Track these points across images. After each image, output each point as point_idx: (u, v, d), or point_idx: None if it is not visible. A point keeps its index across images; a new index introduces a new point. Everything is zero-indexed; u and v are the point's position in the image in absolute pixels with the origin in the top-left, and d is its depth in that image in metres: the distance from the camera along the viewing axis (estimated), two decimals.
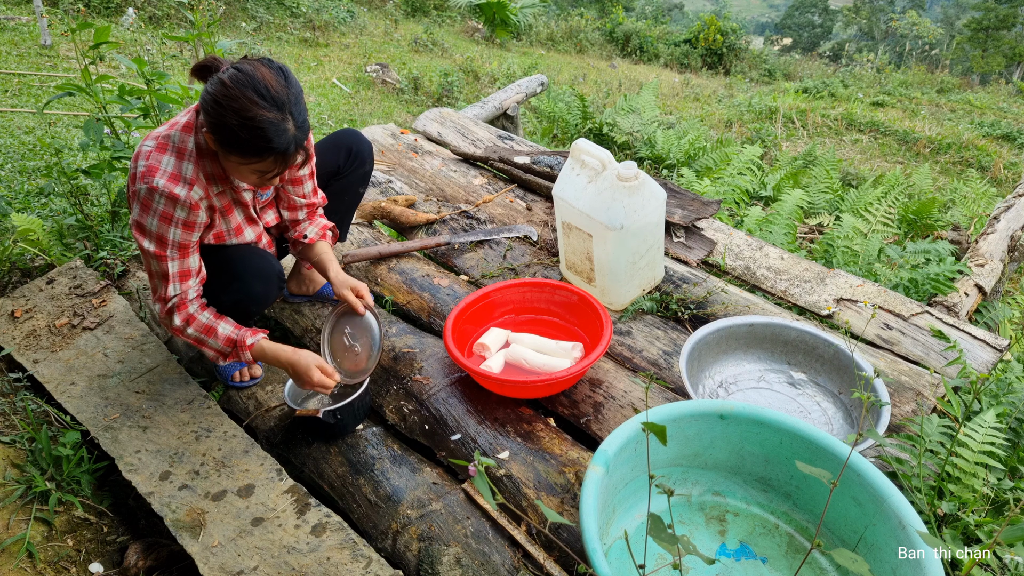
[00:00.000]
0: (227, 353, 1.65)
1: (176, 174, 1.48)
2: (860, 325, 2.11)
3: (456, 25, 12.46)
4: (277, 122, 1.39)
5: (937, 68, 14.56)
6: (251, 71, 1.38)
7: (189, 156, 1.50)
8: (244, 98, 1.36)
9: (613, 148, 5.54)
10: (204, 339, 1.63)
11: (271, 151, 1.41)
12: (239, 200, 1.68)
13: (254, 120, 1.37)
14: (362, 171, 2.04)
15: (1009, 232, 3.30)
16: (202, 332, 1.62)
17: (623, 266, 2.07)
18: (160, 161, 1.48)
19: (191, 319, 1.61)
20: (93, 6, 7.68)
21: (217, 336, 1.62)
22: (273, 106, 1.38)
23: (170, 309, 1.59)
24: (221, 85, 1.37)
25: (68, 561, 1.49)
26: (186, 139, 1.50)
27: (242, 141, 1.39)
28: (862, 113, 8.59)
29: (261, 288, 1.72)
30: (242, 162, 1.44)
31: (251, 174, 1.49)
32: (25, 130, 3.95)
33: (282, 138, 1.41)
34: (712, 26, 14.03)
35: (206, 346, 1.64)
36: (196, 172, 1.51)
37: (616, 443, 1.33)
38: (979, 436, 1.54)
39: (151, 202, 1.47)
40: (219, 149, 1.45)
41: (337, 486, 1.62)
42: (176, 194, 1.47)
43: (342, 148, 1.98)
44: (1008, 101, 10.68)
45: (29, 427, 1.72)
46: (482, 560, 1.41)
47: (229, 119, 1.37)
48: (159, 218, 1.48)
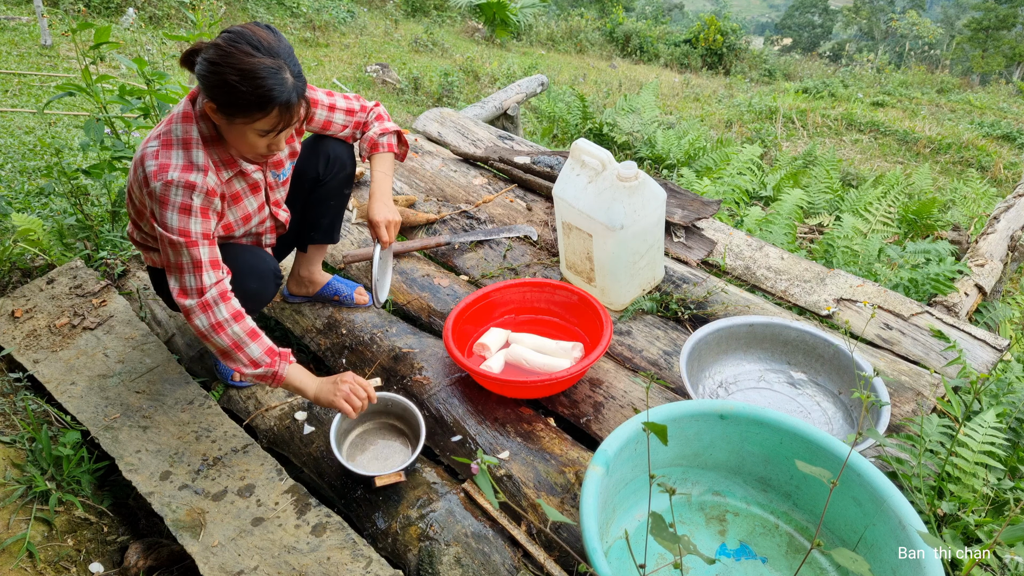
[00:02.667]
0: (262, 363, 1.51)
1: (188, 164, 1.45)
2: (860, 325, 2.11)
3: (456, 25, 12.46)
4: (276, 68, 1.37)
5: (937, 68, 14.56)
6: (241, 30, 1.38)
7: (196, 144, 1.47)
8: (239, 52, 1.34)
9: (613, 148, 5.54)
10: (246, 343, 1.49)
11: (273, 101, 1.38)
12: (250, 184, 1.64)
13: (253, 70, 1.34)
14: (343, 175, 1.93)
15: (1009, 232, 3.30)
16: (247, 334, 1.50)
17: (623, 266, 2.07)
18: (169, 157, 1.45)
19: (239, 316, 1.49)
20: (93, 6, 7.68)
21: (261, 342, 1.51)
22: (268, 55, 1.37)
23: (211, 300, 1.46)
24: (215, 48, 1.35)
25: (68, 561, 1.49)
26: (188, 129, 1.48)
27: (244, 96, 1.36)
28: (862, 113, 8.59)
29: (256, 285, 1.68)
30: (247, 122, 1.41)
31: (258, 137, 1.45)
32: (25, 130, 3.95)
33: (283, 86, 1.38)
34: (712, 26, 14.03)
35: (243, 351, 1.49)
36: (207, 159, 1.48)
37: (616, 443, 1.33)
38: (979, 436, 1.54)
39: (168, 196, 1.42)
40: (222, 116, 1.41)
41: (337, 486, 1.62)
42: (193, 182, 1.43)
43: (320, 155, 1.87)
44: (1008, 101, 10.67)
45: (29, 427, 1.72)
46: (482, 560, 1.41)
47: (228, 76, 1.34)
48: (178, 211, 1.44)
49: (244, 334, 1.49)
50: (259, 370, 1.51)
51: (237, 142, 1.48)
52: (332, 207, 1.97)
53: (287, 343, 2.17)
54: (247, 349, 1.50)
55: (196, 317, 1.48)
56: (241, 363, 1.51)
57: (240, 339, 1.49)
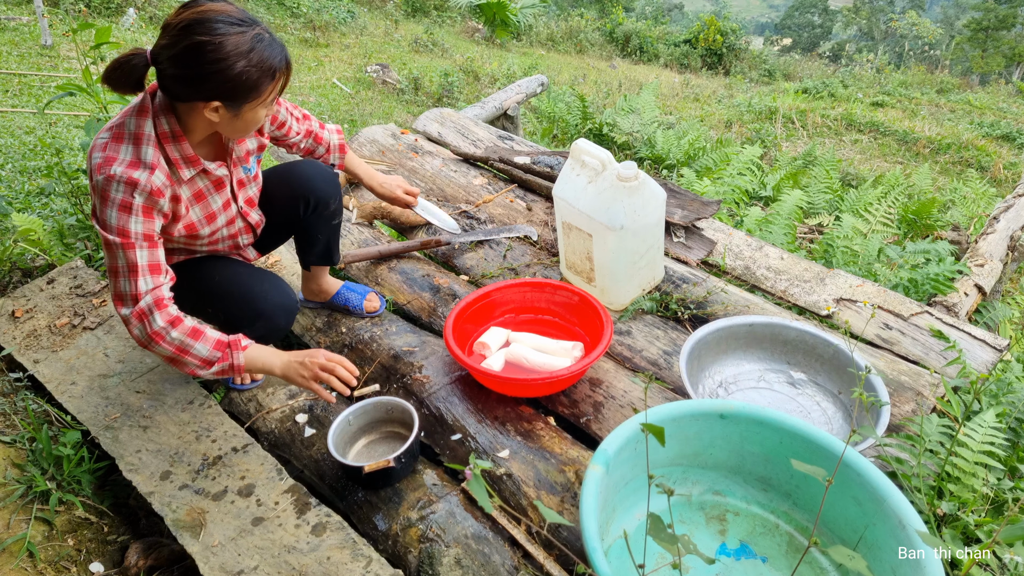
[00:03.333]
0: (213, 360, 1.44)
1: (135, 160, 1.36)
2: (860, 325, 2.11)
3: (456, 25, 12.46)
4: (263, 34, 1.34)
5: (937, 68, 14.56)
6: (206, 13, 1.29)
7: (148, 140, 1.38)
8: (230, 35, 1.29)
9: (613, 148, 5.54)
10: (190, 345, 1.42)
11: (277, 68, 1.37)
12: (213, 180, 1.56)
13: (252, 45, 1.31)
14: (328, 212, 1.85)
15: (1009, 232, 3.30)
16: (188, 335, 1.41)
17: (623, 266, 2.07)
18: (117, 151, 1.36)
19: (177, 321, 1.41)
20: (94, 6, 7.68)
21: (206, 339, 1.43)
22: (250, 25, 1.32)
23: (146, 309, 1.39)
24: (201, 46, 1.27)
25: (68, 561, 1.49)
26: (142, 124, 1.38)
27: (254, 76, 1.33)
28: (862, 113, 8.60)
29: (285, 322, 1.69)
30: (257, 100, 1.38)
31: (263, 109, 1.42)
32: (26, 130, 3.95)
33: (274, 49, 1.36)
34: (712, 26, 14.04)
35: (190, 354, 1.42)
36: (156, 156, 1.39)
37: (616, 442, 1.33)
38: (979, 436, 1.54)
39: (109, 191, 1.34)
40: (229, 110, 1.37)
41: (338, 488, 1.62)
42: (135, 179, 1.34)
43: (299, 198, 1.78)
44: (1008, 101, 10.68)
45: (30, 427, 1.72)
46: (482, 560, 1.41)
47: (238, 64, 1.30)
48: (118, 208, 1.35)
49: (185, 336, 1.41)
50: (214, 368, 1.45)
51: (242, 128, 1.44)
52: (321, 240, 1.92)
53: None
54: (193, 351, 1.43)
55: (133, 327, 1.40)
56: (192, 366, 1.44)
57: (182, 343, 1.41)
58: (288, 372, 1.51)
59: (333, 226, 1.93)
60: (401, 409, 1.70)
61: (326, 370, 1.51)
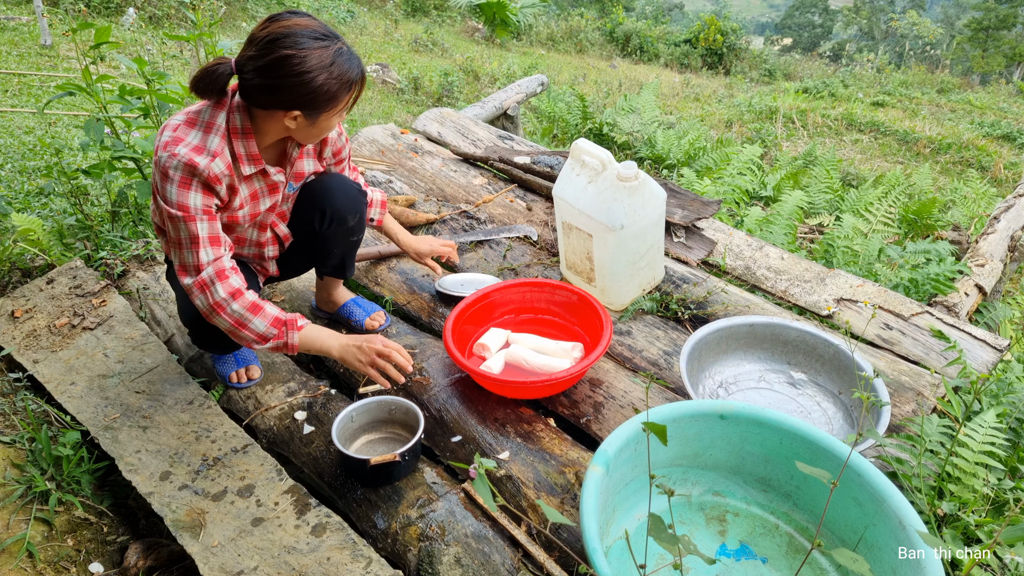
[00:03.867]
0: (269, 336, 1.51)
1: (200, 146, 1.44)
2: (860, 325, 2.11)
3: (456, 25, 12.46)
4: (343, 48, 1.42)
5: (937, 68, 14.56)
6: (290, 29, 1.36)
7: (216, 131, 1.46)
8: (313, 49, 1.36)
9: (613, 148, 5.54)
10: (248, 319, 1.49)
11: (354, 80, 1.45)
12: (269, 184, 1.62)
13: (333, 59, 1.39)
14: (345, 227, 1.82)
15: (1009, 232, 3.30)
16: (248, 309, 1.48)
17: (623, 266, 2.07)
18: (187, 134, 1.44)
19: (238, 294, 1.48)
20: (93, 6, 7.68)
21: (264, 315, 1.50)
22: (332, 40, 1.40)
23: (208, 280, 1.46)
24: (287, 60, 1.35)
25: (68, 561, 1.49)
26: (216, 115, 1.47)
27: (335, 88, 1.41)
28: (862, 113, 8.60)
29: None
30: (334, 110, 1.45)
31: (336, 117, 1.49)
32: (25, 130, 3.95)
33: (352, 62, 1.43)
34: (712, 26, 14.04)
35: (247, 328, 1.49)
36: (222, 146, 1.46)
37: (616, 443, 1.33)
38: (979, 436, 1.54)
39: (169, 170, 1.41)
40: (307, 119, 1.45)
41: (337, 486, 1.62)
42: (195, 163, 1.41)
43: (316, 208, 1.77)
44: (1008, 101, 10.68)
45: (29, 427, 1.72)
46: (482, 560, 1.41)
47: (320, 76, 1.37)
48: (178, 185, 1.42)
49: (245, 310, 1.48)
50: (269, 344, 1.52)
51: (316, 134, 1.52)
52: (336, 254, 1.92)
53: None
54: (251, 325, 1.49)
55: (195, 297, 1.48)
56: (248, 340, 1.51)
57: (241, 316, 1.48)
58: (345, 355, 1.57)
59: (351, 242, 1.91)
60: (404, 410, 1.70)
61: (383, 356, 1.57)
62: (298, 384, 1.90)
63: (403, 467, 1.58)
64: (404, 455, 1.55)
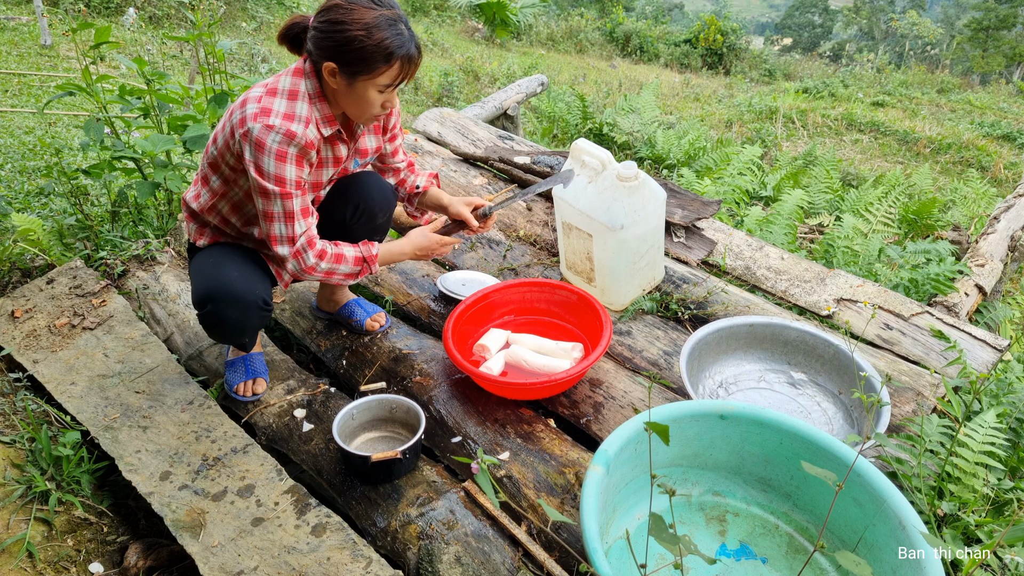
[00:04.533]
0: (357, 272, 1.69)
1: (290, 114, 1.48)
2: (860, 325, 2.11)
3: (456, 25, 12.46)
4: (395, 20, 1.42)
5: (937, 68, 14.56)
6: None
7: (302, 97, 1.51)
8: (360, 7, 1.40)
9: (613, 148, 5.54)
10: (336, 267, 1.65)
11: (397, 54, 1.43)
12: (334, 156, 1.68)
13: (376, 22, 1.40)
14: (373, 224, 1.87)
15: (1009, 232, 3.30)
16: (335, 261, 1.64)
17: (623, 266, 2.07)
18: (272, 103, 1.48)
19: (323, 253, 1.62)
20: (93, 6, 7.68)
21: (347, 260, 1.66)
22: (387, 8, 1.42)
23: (301, 248, 1.58)
24: (336, 8, 1.40)
25: (68, 561, 1.49)
26: (297, 82, 1.51)
27: (369, 50, 1.41)
28: (862, 113, 8.60)
29: (235, 314, 1.62)
30: (371, 78, 1.45)
31: (378, 94, 1.49)
32: (25, 130, 3.95)
33: (403, 37, 1.43)
34: (712, 26, 14.04)
35: (336, 274, 1.67)
36: (311, 112, 1.51)
37: (616, 443, 1.33)
38: (979, 436, 1.54)
39: (266, 141, 1.45)
40: (344, 78, 1.46)
41: (336, 483, 1.62)
42: (293, 131, 1.46)
43: (350, 202, 1.81)
44: (1008, 101, 10.68)
45: (29, 427, 1.71)
46: (482, 559, 1.41)
47: (353, 30, 1.39)
48: (275, 157, 1.47)
49: (331, 263, 1.64)
50: (358, 279, 1.72)
51: (356, 104, 1.52)
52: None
53: (287, 343, 2.17)
54: (339, 271, 1.66)
55: (288, 263, 1.60)
56: (338, 280, 1.69)
57: (330, 268, 1.65)
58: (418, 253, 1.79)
59: (376, 240, 1.90)
60: (405, 409, 1.70)
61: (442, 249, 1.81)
62: (297, 382, 1.90)
63: (404, 465, 1.58)
64: (405, 452, 1.55)
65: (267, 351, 2.01)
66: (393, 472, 1.57)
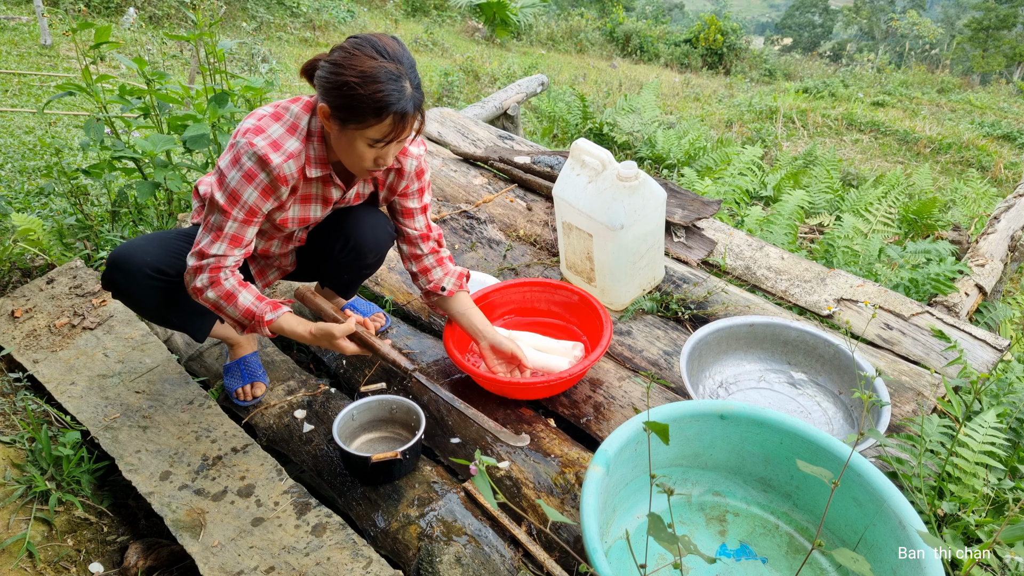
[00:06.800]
0: (245, 324, 1.56)
1: (278, 143, 1.46)
2: (860, 325, 2.11)
3: (456, 25, 12.46)
4: (397, 75, 1.36)
5: (937, 68, 14.56)
6: (368, 36, 1.39)
7: (299, 134, 1.49)
8: (363, 55, 1.36)
9: (613, 148, 5.54)
10: (223, 306, 1.54)
11: (389, 109, 1.36)
12: (324, 198, 1.63)
13: (373, 72, 1.34)
14: (361, 263, 1.79)
15: (1009, 232, 3.30)
16: (222, 298, 1.52)
17: (623, 266, 2.07)
18: (270, 126, 1.47)
19: (216, 283, 1.52)
20: (93, 6, 7.68)
21: (236, 305, 1.53)
22: (392, 61, 1.37)
23: (201, 266, 1.50)
24: (341, 50, 1.38)
25: (68, 561, 1.49)
26: (301, 116, 1.50)
27: (361, 99, 1.35)
28: (862, 113, 8.60)
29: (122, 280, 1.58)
30: (360, 128, 1.39)
31: (367, 147, 1.43)
32: (25, 130, 3.95)
33: (400, 94, 1.37)
34: (712, 26, 14.04)
35: (224, 312, 1.56)
36: (299, 150, 1.48)
37: (616, 443, 1.33)
38: (979, 436, 1.54)
39: (241, 157, 1.44)
40: (335, 121, 1.41)
41: (336, 484, 1.62)
42: (269, 159, 1.44)
43: (340, 234, 1.74)
44: (1008, 101, 10.68)
45: (29, 427, 1.71)
46: (482, 559, 1.41)
47: (349, 76, 1.34)
48: (243, 174, 1.44)
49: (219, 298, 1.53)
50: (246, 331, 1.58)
51: (346, 153, 1.47)
52: (345, 279, 1.89)
53: (288, 344, 2.17)
54: (226, 311, 1.54)
55: (187, 274, 1.54)
56: (227, 320, 1.57)
57: (216, 302, 1.54)
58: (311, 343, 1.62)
59: (363, 273, 1.88)
60: (405, 409, 1.70)
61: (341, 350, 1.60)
62: (298, 382, 1.90)
63: (404, 465, 1.58)
64: (405, 453, 1.55)
65: (267, 352, 2.01)
66: (393, 473, 1.57)
